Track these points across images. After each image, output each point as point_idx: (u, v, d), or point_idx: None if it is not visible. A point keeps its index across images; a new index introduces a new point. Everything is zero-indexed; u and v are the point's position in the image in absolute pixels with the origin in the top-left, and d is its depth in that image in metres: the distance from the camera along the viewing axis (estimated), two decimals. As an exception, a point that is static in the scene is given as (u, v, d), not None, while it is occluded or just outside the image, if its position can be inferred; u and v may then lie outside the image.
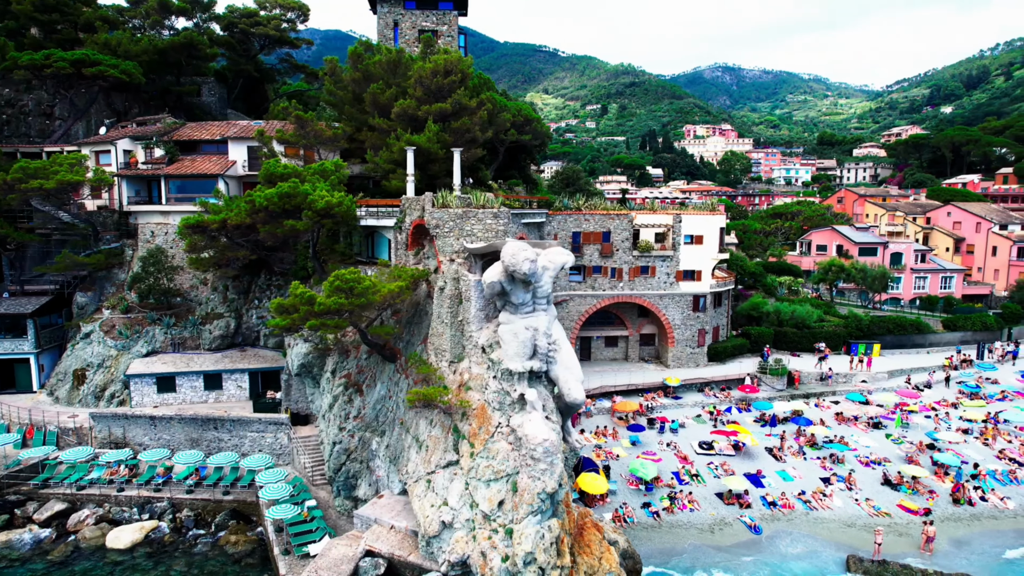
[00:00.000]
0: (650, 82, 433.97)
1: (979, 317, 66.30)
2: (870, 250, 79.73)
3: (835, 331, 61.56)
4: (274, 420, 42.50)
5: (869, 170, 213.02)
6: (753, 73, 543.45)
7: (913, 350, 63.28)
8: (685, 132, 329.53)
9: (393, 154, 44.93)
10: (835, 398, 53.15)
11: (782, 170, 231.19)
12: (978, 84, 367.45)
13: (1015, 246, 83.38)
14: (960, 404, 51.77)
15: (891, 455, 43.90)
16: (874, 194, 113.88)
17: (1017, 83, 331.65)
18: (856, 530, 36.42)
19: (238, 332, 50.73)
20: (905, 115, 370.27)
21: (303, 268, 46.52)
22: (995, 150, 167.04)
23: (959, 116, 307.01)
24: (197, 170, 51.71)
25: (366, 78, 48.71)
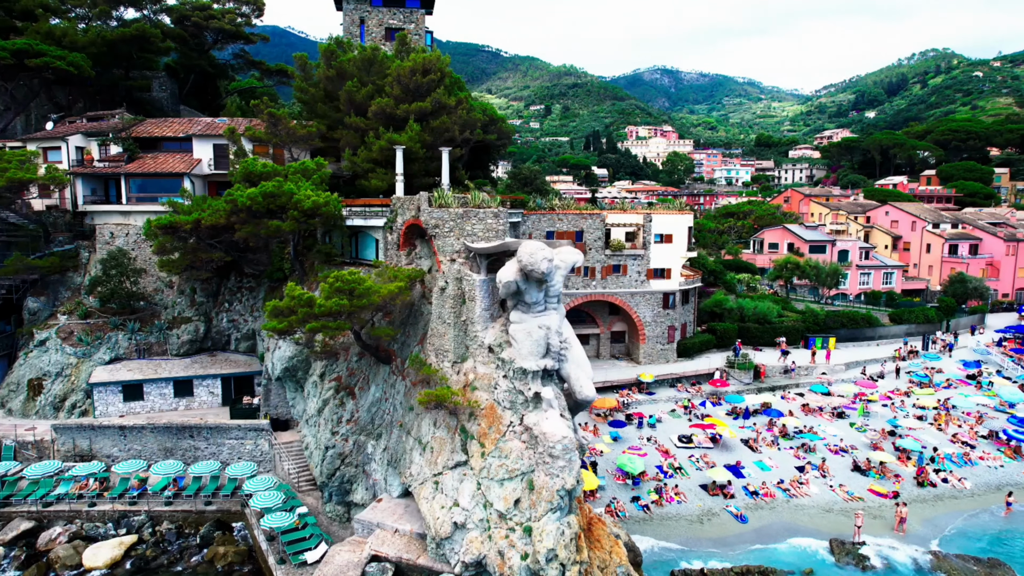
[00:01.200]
0: (592, 83, 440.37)
1: (921, 311, 70.39)
2: (819, 248, 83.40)
3: (794, 326, 64.19)
4: (254, 426, 41.26)
5: (805, 171, 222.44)
6: (691, 76, 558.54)
7: (864, 343, 66.65)
8: (628, 133, 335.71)
9: (372, 153, 44.34)
10: (799, 390, 55.47)
11: (723, 171, 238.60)
12: (898, 91, 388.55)
13: (946, 244, 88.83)
14: (912, 393, 54.89)
15: (857, 442, 46.21)
16: (818, 194, 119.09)
17: (932, 91, 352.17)
18: (834, 515, 38.21)
19: (207, 336, 48.97)
20: (833, 119, 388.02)
21: (279, 269, 45.34)
22: (919, 153, 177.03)
23: (882, 121, 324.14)
24: (160, 168, 49.60)
25: (340, 76, 47.79)
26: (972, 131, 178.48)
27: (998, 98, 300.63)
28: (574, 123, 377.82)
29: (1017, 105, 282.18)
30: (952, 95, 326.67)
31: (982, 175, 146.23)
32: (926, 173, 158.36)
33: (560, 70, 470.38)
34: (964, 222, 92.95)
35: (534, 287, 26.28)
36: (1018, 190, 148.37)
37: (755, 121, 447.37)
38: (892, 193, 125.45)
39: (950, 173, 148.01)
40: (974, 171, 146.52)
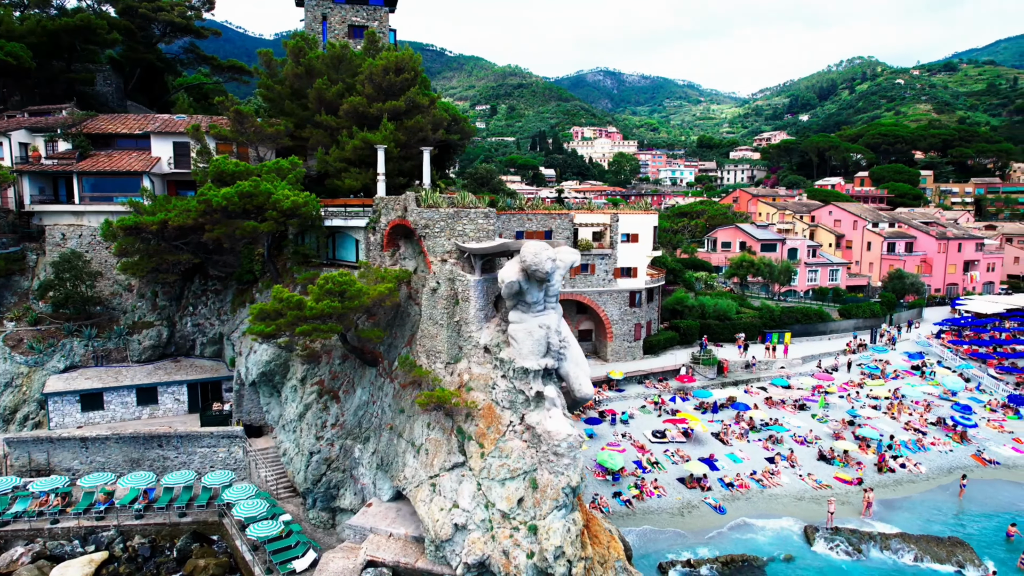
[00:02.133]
0: (537, 84, 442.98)
1: (868, 306, 73.93)
2: (770, 246, 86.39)
3: (752, 322, 66.37)
4: (227, 433, 39.91)
5: (746, 172, 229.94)
6: (633, 78, 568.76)
7: (817, 337, 69.47)
8: (573, 134, 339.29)
9: (346, 152, 43.55)
10: (761, 384, 57.41)
11: (668, 171, 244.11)
12: (828, 96, 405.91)
13: (885, 242, 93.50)
14: (864, 384, 57.60)
15: (820, 433, 48.19)
16: (765, 194, 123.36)
17: (859, 96, 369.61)
18: (806, 502, 39.81)
19: (171, 341, 47.11)
20: (770, 121, 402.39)
21: (248, 271, 44.10)
22: (852, 156, 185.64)
23: (815, 124, 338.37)
24: (116, 167, 47.40)
25: (309, 73, 46.77)
26: (899, 135, 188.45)
27: (918, 104, 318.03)
28: (520, 123, 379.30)
29: (935, 111, 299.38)
30: (877, 101, 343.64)
31: (910, 177, 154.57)
32: (859, 174, 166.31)
33: (505, 70, 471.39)
34: (900, 221, 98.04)
35: (535, 287, 26.45)
36: (941, 191, 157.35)
37: (695, 123, 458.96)
38: (832, 193, 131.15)
39: (881, 175, 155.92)
40: (903, 173, 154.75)
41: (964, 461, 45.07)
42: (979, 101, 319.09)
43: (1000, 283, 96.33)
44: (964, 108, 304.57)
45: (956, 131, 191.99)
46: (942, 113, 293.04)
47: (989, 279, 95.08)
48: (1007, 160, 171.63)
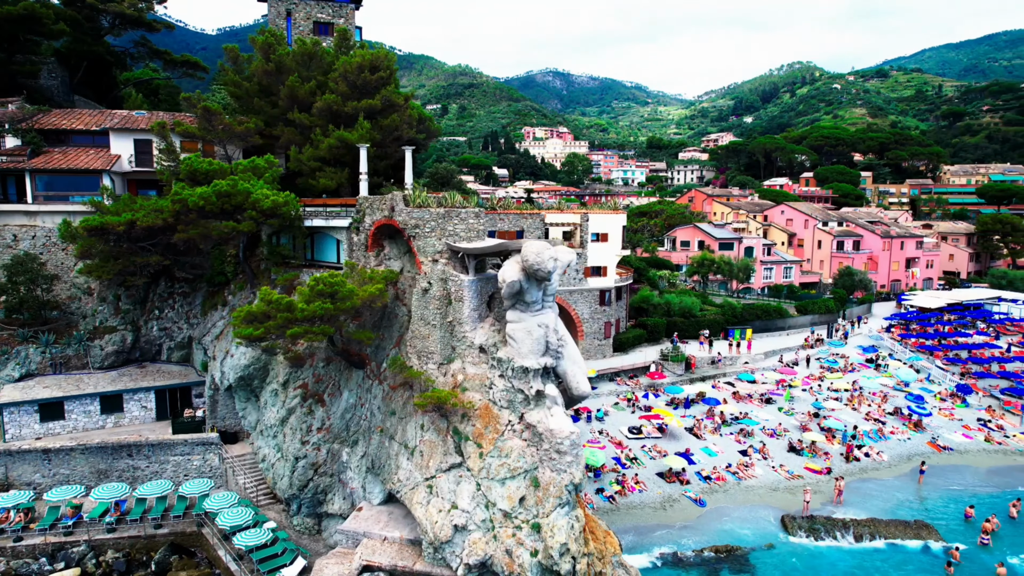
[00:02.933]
0: (488, 84, 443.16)
1: (823, 302, 76.82)
2: (728, 245, 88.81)
3: (715, 319, 68.08)
4: (202, 440, 38.63)
5: (695, 172, 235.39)
6: (582, 79, 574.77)
7: (776, 332, 71.78)
8: (524, 134, 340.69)
9: (320, 151, 42.78)
10: (727, 379, 58.96)
11: (620, 171, 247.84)
12: (771, 99, 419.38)
13: (834, 240, 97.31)
14: (825, 377, 59.86)
15: (788, 425, 49.85)
16: (719, 194, 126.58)
17: (800, 99, 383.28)
18: (780, 493, 41.15)
19: (135, 346, 45.29)
20: (715, 123, 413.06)
21: (220, 273, 42.84)
22: (797, 157, 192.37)
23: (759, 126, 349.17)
24: (73, 164, 45.25)
25: (279, 70, 45.70)
26: (840, 138, 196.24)
27: (854, 108, 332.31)
28: (471, 123, 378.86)
29: (870, 116, 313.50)
30: (817, 104, 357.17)
31: (851, 178, 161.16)
32: (804, 175, 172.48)
33: (455, 70, 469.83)
34: (847, 220, 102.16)
35: (534, 286, 26.57)
36: (880, 192, 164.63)
37: (643, 124, 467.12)
38: (781, 194, 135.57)
39: (825, 175, 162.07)
40: (845, 174, 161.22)
41: (921, 448, 47.38)
42: (909, 106, 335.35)
43: (938, 279, 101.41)
44: (896, 113, 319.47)
45: (891, 135, 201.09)
46: (876, 117, 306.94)
47: (928, 275, 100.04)
48: (938, 163, 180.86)
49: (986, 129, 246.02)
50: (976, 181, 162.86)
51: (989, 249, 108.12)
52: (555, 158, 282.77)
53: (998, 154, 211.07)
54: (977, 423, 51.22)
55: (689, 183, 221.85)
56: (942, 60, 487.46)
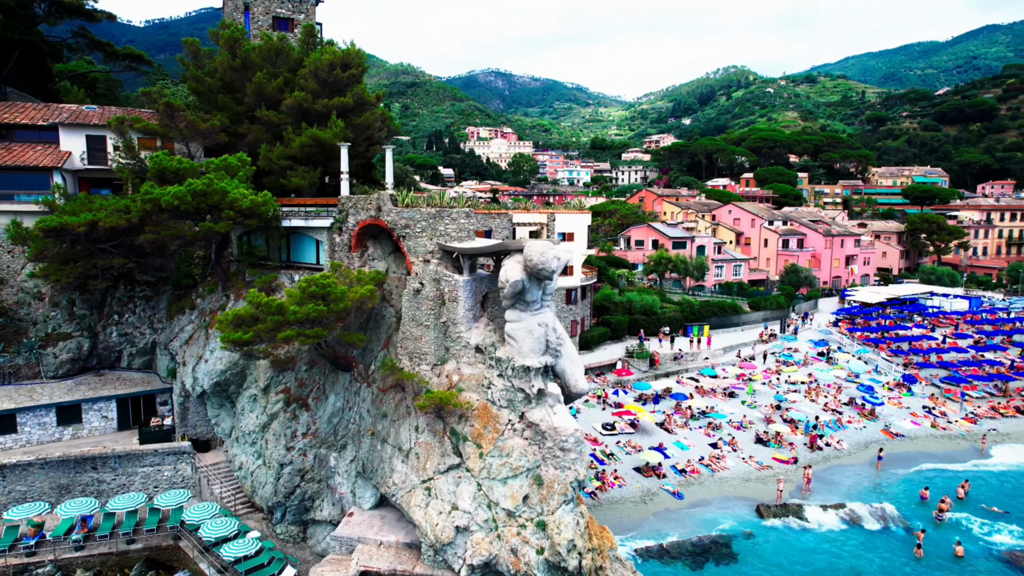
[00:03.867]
0: (431, 83, 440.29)
1: (774, 298, 79.87)
2: (681, 244, 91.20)
3: (675, 316, 69.86)
4: (173, 450, 37.08)
5: (639, 172, 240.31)
6: (523, 80, 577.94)
7: (731, 328, 74.23)
8: (469, 134, 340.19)
9: (292, 150, 41.61)
10: (690, 375, 60.62)
11: (565, 171, 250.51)
12: (708, 101, 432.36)
13: (780, 238, 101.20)
14: (781, 371, 62.28)
15: (752, 417, 51.68)
16: (669, 194, 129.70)
17: (736, 102, 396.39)
18: (752, 483, 42.63)
19: (93, 354, 43.01)
20: (655, 124, 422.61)
21: (187, 275, 41.21)
22: (737, 158, 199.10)
23: (697, 128, 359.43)
24: (19, 161, 42.50)
25: (245, 66, 44.28)
26: (777, 140, 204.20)
27: (787, 112, 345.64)
28: (415, 122, 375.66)
29: (801, 119, 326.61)
30: (752, 107, 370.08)
31: (789, 179, 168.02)
32: (745, 176, 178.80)
33: (397, 68, 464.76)
34: (791, 219, 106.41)
35: (535, 285, 26.70)
36: (816, 192, 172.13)
37: (584, 125, 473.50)
38: (726, 194, 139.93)
39: (765, 176, 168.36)
40: (784, 175, 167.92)
41: (876, 436, 49.93)
42: (836, 111, 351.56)
43: (874, 275, 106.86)
44: (824, 117, 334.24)
45: (824, 138, 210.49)
46: (807, 121, 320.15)
47: (865, 272, 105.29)
48: (867, 165, 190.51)
49: (906, 134, 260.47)
50: (901, 183, 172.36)
51: (917, 247, 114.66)
52: (500, 158, 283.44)
53: (917, 157, 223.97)
54: (923, 410, 54.33)
55: (633, 183, 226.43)
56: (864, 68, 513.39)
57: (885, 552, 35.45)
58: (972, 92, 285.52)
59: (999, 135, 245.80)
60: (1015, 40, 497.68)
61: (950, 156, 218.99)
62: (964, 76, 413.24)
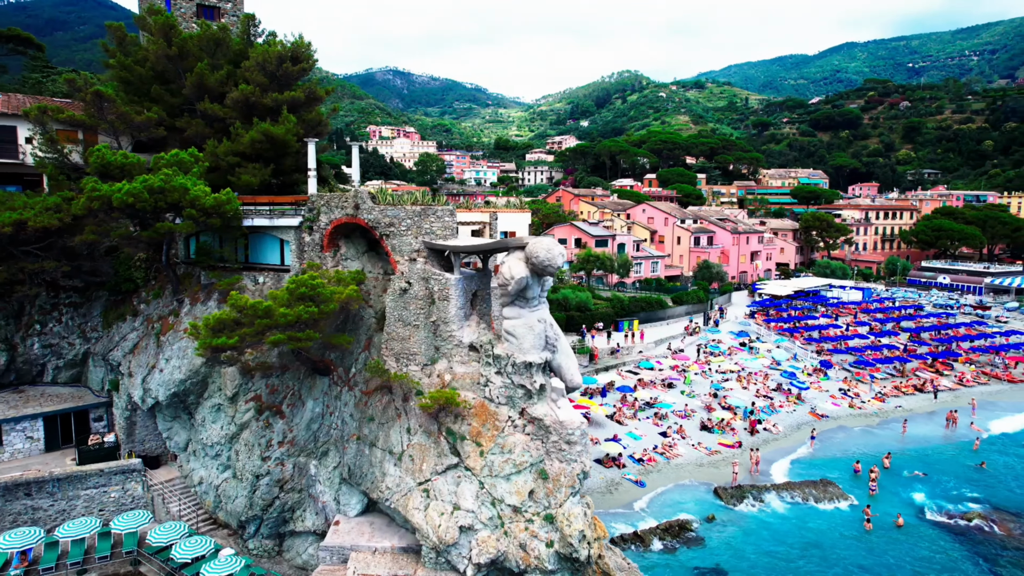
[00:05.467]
0: (329, 80, 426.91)
1: (694, 293, 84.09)
2: (603, 242, 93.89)
3: (607, 312, 72.07)
4: (120, 468, 34.26)
5: (545, 173, 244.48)
6: (422, 79, 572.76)
7: (658, 323, 77.39)
8: (370, 133, 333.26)
9: (240, 146, 39.38)
10: (628, 367, 62.73)
11: (472, 172, 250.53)
12: (605, 104, 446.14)
13: (692, 236, 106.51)
14: (711, 361, 65.76)
15: (693, 406, 54.27)
16: (585, 194, 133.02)
17: (631, 106, 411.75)
18: (706, 468, 44.88)
19: (11, 368, 38.87)
20: (554, 126, 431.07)
21: (127, 280, 38.14)
22: (639, 159, 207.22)
23: (595, 129, 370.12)
24: (-84, 155, 37.94)
25: (182, 55, 41.50)
26: (676, 142, 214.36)
27: (679, 116, 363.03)
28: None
29: (692, 123, 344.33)
30: (646, 111, 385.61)
31: (690, 179, 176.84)
32: (648, 176, 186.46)
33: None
34: (701, 218, 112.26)
35: (536, 282, 26.95)
36: (714, 192, 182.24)
37: (485, 125, 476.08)
38: (634, 194, 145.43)
39: (667, 177, 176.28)
40: (685, 176, 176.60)
41: (805, 418, 53.90)
42: (724, 116, 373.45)
43: (775, 270, 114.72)
44: (713, 121, 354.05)
45: (719, 141, 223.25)
46: (698, 124, 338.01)
47: (768, 267, 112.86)
48: (757, 167, 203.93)
49: (788, 138, 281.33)
50: (788, 183, 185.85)
51: (810, 243, 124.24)
52: (404, 157, 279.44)
53: (798, 160, 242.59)
54: (840, 393, 59.20)
55: (540, 184, 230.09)
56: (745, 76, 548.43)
57: (837, 526, 38.46)
58: (840, 102, 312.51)
59: (863, 142, 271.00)
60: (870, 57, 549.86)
61: (825, 160, 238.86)
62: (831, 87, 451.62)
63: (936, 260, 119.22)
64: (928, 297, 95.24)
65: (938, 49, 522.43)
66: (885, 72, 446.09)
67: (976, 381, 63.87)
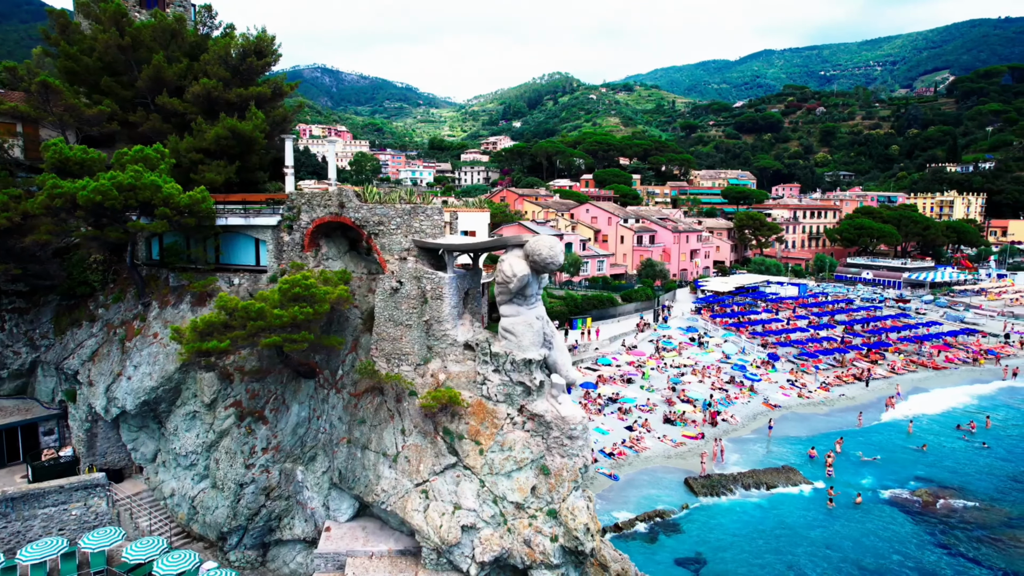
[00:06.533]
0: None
1: (642, 291, 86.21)
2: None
3: (562, 310, 72.95)
4: (83, 484, 32.15)
5: (481, 173, 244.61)
6: (352, 77, 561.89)
7: (610, 320, 78.96)
8: (300, 131, 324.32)
9: (204, 142, 37.74)
10: (586, 364, 63.74)
11: (408, 171, 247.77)
12: (536, 105, 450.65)
13: (635, 235, 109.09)
14: (664, 357, 67.65)
15: (655, 400, 55.73)
16: (528, 194, 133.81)
17: (562, 107, 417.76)
18: (673, 459, 46.26)
19: (-52, 380, 35.90)
20: (487, 126, 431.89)
21: (82, 283, 35.84)
22: (575, 160, 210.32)
23: (527, 130, 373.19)
24: None
25: (135, 46, 39.39)
26: (611, 144, 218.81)
27: (610, 117, 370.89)
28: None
29: (623, 125, 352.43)
30: (577, 112, 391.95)
31: (625, 179, 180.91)
32: (585, 176, 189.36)
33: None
34: (642, 217, 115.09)
35: (535, 280, 27.11)
36: (648, 192, 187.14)
37: (417, 125, 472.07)
38: (574, 194, 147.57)
39: (603, 177, 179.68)
40: (621, 176, 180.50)
41: (759, 408, 56.30)
42: (652, 118, 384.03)
43: (713, 268, 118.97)
44: (643, 123, 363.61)
45: (652, 142, 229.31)
46: (628, 126, 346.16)
47: (706, 265, 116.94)
48: (689, 167, 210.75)
49: (714, 140, 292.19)
50: (718, 184, 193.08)
51: (744, 241, 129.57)
52: (337, 157, 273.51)
53: (724, 161, 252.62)
54: (788, 383, 62.12)
55: (477, 184, 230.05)
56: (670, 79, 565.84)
57: (800, 507, 40.47)
58: (763, 107, 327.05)
59: (785, 144, 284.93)
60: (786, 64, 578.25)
61: (750, 161, 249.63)
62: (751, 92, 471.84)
63: (859, 257, 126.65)
64: (856, 292, 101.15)
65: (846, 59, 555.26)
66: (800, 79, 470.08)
67: (906, 369, 68.37)
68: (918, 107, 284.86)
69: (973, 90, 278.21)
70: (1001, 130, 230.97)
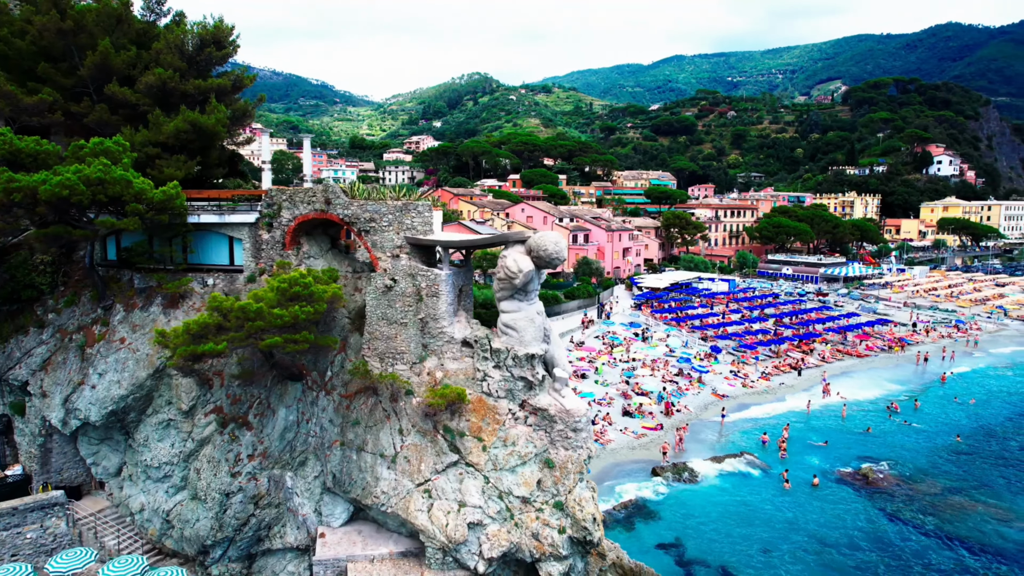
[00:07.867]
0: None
1: (583, 288, 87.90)
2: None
3: (511, 308, 73.30)
4: (38, 504, 29.65)
5: (406, 172, 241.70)
6: (264, 73, 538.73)
7: (554, 317, 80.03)
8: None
9: (161, 136, 35.66)
10: (541, 361, 64.29)
11: (330, 170, 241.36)
12: (456, 105, 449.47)
13: (571, 234, 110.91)
14: (613, 352, 69.31)
15: (611, 394, 57.03)
16: (464, 194, 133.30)
17: (483, 107, 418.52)
18: (638, 450, 47.58)
19: None
20: (407, 126, 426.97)
21: (29, 286, 33.04)
22: (501, 160, 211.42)
23: (448, 130, 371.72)
24: None
25: (77, 30, 36.71)
26: (536, 144, 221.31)
27: (530, 118, 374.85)
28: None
29: (543, 126, 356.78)
30: (497, 113, 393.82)
31: (552, 179, 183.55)
32: (512, 176, 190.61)
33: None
34: (576, 216, 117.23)
35: (536, 275, 27.28)
36: (574, 192, 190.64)
37: (334, 124, 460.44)
38: (505, 194, 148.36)
39: (530, 178, 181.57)
40: (548, 176, 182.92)
41: (709, 398, 58.71)
42: (571, 119, 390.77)
43: (644, 265, 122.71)
44: (562, 124, 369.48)
45: (576, 143, 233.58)
46: (548, 127, 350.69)
47: (638, 262, 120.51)
48: (612, 168, 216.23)
49: (632, 142, 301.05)
50: (641, 184, 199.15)
51: (670, 239, 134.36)
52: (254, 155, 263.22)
53: (642, 163, 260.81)
54: (731, 374, 65.07)
55: (402, 184, 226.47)
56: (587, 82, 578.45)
57: (761, 489, 42.62)
58: (677, 110, 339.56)
59: (699, 147, 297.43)
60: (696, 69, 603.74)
61: (667, 163, 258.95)
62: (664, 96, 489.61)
63: (778, 254, 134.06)
64: (779, 286, 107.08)
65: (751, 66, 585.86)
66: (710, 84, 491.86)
67: (834, 358, 73.10)
68: (819, 113, 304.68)
69: (864, 99, 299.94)
70: (890, 136, 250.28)
